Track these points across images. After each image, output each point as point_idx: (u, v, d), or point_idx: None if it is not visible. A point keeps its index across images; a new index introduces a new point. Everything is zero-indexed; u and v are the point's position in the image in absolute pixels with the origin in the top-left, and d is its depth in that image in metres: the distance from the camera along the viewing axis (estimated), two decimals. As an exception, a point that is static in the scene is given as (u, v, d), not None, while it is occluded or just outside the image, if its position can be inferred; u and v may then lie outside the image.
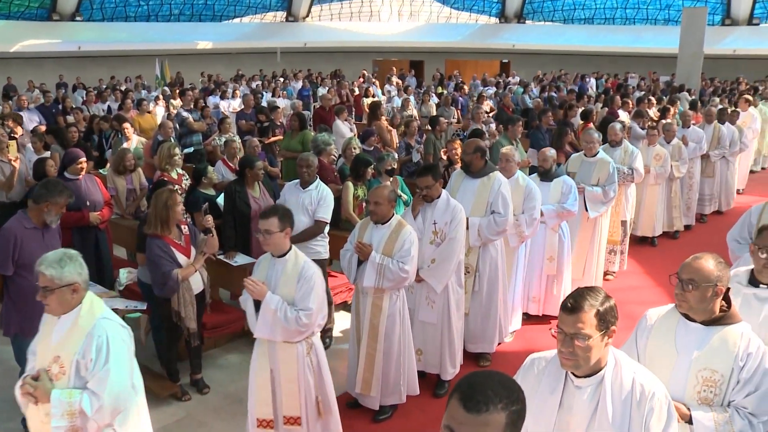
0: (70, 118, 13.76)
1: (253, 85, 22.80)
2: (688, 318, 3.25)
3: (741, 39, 31.44)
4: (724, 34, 31.44)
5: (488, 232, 6.13)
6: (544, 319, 7.32)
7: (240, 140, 9.66)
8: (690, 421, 3.14)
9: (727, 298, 3.25)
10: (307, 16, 37.82)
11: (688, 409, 3.15)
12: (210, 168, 7.55)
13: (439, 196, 5.74)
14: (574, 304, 2.67)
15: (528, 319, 7.37)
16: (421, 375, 5.89)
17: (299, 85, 23.32)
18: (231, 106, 17.69)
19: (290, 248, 4.52)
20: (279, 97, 19.01)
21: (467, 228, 6.07)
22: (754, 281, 3.78)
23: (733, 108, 13.21)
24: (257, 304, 4.44)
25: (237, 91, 19.17)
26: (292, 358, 4.49)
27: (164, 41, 30.42)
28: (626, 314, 7.11)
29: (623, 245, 8.78)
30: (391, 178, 7.25)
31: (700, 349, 3.17)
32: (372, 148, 9.35)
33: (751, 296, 3.74)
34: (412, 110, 15.67)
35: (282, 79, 24.59)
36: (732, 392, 3.14)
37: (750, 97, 14.15)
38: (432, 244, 5.68)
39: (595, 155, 7.84)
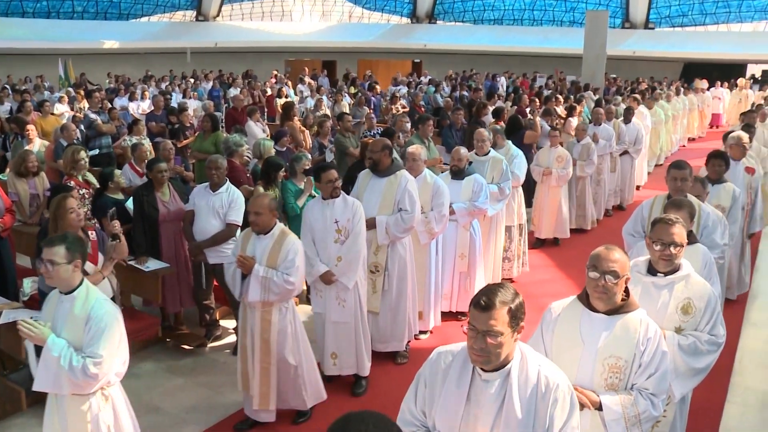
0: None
1: (163, 86, 22.29)
2: (590, 308, 3.38)
3: (639, 42, 32.93)
4: (624, 37, 32.82)
5: (396, 230, 6.17)
6: (456, 315, 7.47)
7: (150, 143, 9.45)
8: (600, 408, 3.28)
9: (625, 287, 3.41)
10: (218, 15, 37.30)
11: (598, 396, 3.30)
12: (117, 171, 7.35)
13: (338, 195, 5.77)
14: (486, 301, 2.70)
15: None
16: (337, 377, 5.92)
17: (210, 85, 22.96)
18: (140, 107, 17.29)
19: (81, 283, 3.82)
20: (189, 98, 18.67)
21: (375, 227, 6.14)
22: (652, 270, 4.00)
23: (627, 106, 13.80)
24: (39, 350, 3.73)
25: (146, 93, 18.72)
26: (82, 417, 3.78)
27: (67, 40, 29.38)
28: (536, 307, 7.33)
29: (510, 252, 8.62)
30: (306, 179, 7.24)
31: (605, 338, 3.31)
32: (284, 148, 9.32)
33: (650, 284, 3.96)
34: (325, 110, 15.66)
35: (192, 80, 24.15)
36: (634, 376, 3.32)
37: (638, 96, 14.95)
38: (337, 243, 5.68)
39: (487, 154, 7.93)
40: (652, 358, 3.30)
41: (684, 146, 19.31)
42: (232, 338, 6.97)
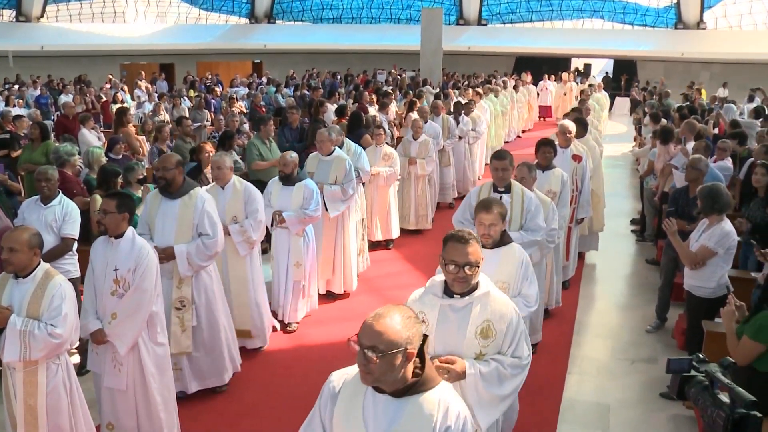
0: None
1: (-18, 93, 20.75)
2: (375, 387, 2.70)
3: (473, 37, 34.42)
4: (459, 33, 34.21)
5: (199, 259, 5.58)
6: (288, 325, 7.31)
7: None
8: None
9: (421, 356, 2.71)
10: (42, 16, 35.06)
11: None
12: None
13: (123, 234, 4.80)
14: None
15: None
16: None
17: (37, 92, 21.64)
18: (-44, 117, 15.99)
19: None
20: (14, 106, 17.53)
21: (175, 257, 5.54)
22: (449, 292, 3.62)
23: (468, 100, 14.36)
24: None
25: (-37, 101, 17.39)
26: None
27: None
28: (385, 300, 7.54)
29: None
30: (142, 187, 7.04)
31: (392, 426, 2.64)
32: (120, 156, 8.99)
33: (447, 307, 3.59)
34: (164, 115, 15.24)
35: (17, 86, 22.64)
36: None
37: (480, 90, 15.53)
38: (114, 296, 4.74)
39: (331, 154, 7.89)
40: None
41: (519, 137, 20.38)
42: (75, 358, 6.64)
